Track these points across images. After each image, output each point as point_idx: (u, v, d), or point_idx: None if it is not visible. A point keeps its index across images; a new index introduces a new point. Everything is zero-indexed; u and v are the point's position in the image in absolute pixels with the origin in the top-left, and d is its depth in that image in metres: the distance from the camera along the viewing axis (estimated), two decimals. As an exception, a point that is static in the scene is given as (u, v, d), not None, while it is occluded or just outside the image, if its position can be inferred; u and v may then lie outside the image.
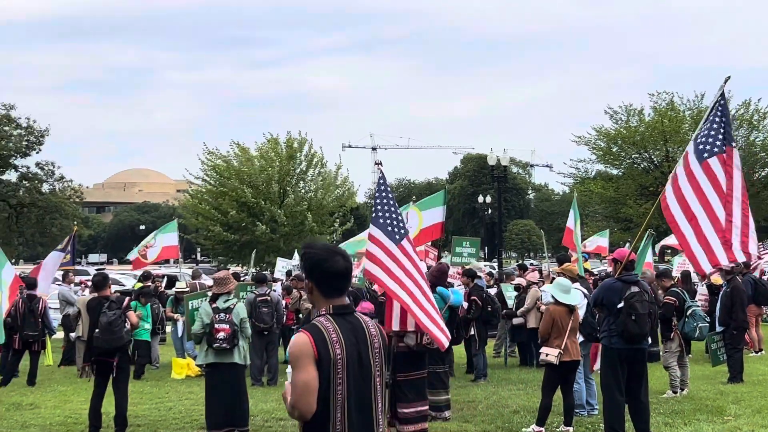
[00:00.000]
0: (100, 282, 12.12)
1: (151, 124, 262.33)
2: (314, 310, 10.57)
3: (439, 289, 11.84)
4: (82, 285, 20.28)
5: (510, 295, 17.93)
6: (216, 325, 10.58)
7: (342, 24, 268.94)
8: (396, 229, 9.73)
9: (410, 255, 9.66)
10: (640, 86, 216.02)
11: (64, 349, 19.18)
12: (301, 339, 4.32)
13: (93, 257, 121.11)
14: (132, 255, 27.01)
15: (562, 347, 10.16)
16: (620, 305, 9.72)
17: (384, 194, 10.08)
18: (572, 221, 17.94)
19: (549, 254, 18.41)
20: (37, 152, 30.77)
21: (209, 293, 11.10)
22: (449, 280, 13.88)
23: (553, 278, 12.89)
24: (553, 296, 10.52)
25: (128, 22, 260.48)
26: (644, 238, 18.40)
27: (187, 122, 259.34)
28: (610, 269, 14.04)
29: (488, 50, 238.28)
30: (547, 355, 10.21)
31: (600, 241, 27.02)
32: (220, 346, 10.62)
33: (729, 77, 9.98)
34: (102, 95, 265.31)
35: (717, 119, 9.97)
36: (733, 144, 10.04)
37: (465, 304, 13.32)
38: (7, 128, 29.69)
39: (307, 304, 16.79)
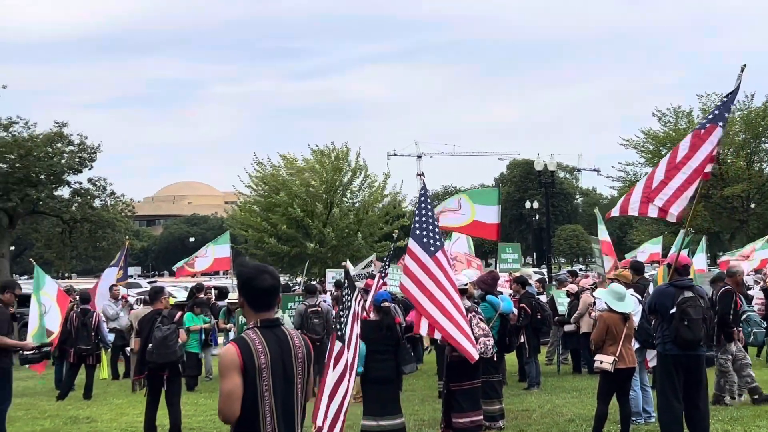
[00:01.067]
0: (153, 295, 12.23)
1: (198, 137, 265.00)
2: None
3: (488, 297, 11.76)
4: (123, 299, 20.47)
5: (562, 301, 17.79)
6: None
7: (384, 33, 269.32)
8: (432, 241, 9.72)
9: (444, 267, 9.62)
10: (688, 88, 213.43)
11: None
12: (228, 350, 4.76)
13: (130, 270, 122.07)
14: (179, 265, 27.18)
15: (617, 354, 10.03)
16: (673, 311, 9.59)
17: (424, 205, 10.09)
18: (605, 234, 17.96)
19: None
20: (90, 168, 31.27)
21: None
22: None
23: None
24: (606, 303, 10.38)
25: (173, 36, 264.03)
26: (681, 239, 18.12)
27: (233, 134, 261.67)
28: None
29: (532, 54, 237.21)
30: (601, 362, 10.08)
31: (652, 248, 26.65)
32: None
33: (745, 65, 10.12)
34: (149, 109, 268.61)
35: (723, 99, 10.56)
36: (720, 123, 10.37)
37: (515, 312, 13.20)
38: (59, 145, 30.18)
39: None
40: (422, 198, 10.21)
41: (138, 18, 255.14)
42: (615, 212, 11.09)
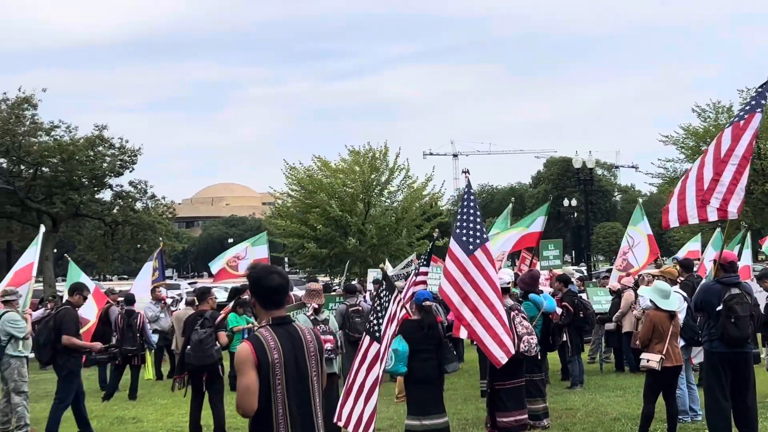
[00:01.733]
0: (201, 296, 12.33)
1: (235, 139, 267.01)
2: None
3: (531, 296, 11.72)
4: (162, 301, 20.62)
5: (598, 299, 17.66)
6: (321, 337, 10.62)
7: (419, 32, 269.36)
8: (471, 239, 9.65)
9: (482, 265, 9.54)
10: (727, 83, 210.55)
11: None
12: (243, 348, 5.03)
13: (167, 272, 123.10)
14: (216, 266, 26.76)
15: (664, 352, 9.94)
16: (719, 308, 9.46)
17: (467, 203, 10.05)
18: (648, 228, 17.79)
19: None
20: (131, 171, 31.55)
21: (310, 306, 11.14)
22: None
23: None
24: (651, 301, 10.29)
25: (209, 39, 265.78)
26: (722, 236, 17.86)
27: (270, 135, 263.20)
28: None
29: (567, 51, 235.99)
30: (648, 361, 9.98)
31: (691, 246, 26.31)
32: (328, 356, 10.71)
33: None
34: (186, 112, 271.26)
35: (758, 90, 10.22)
36: (758, 110, 10.10)
37: (559, 310, 13.13)
38: (101, 148, 30.50)
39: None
40: (466, 195, 10.16)
41: (173, 22, 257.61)
42: (673, 223, 10.51)
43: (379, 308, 8.99)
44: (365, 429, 8.47)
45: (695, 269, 15.94)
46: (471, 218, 9.82)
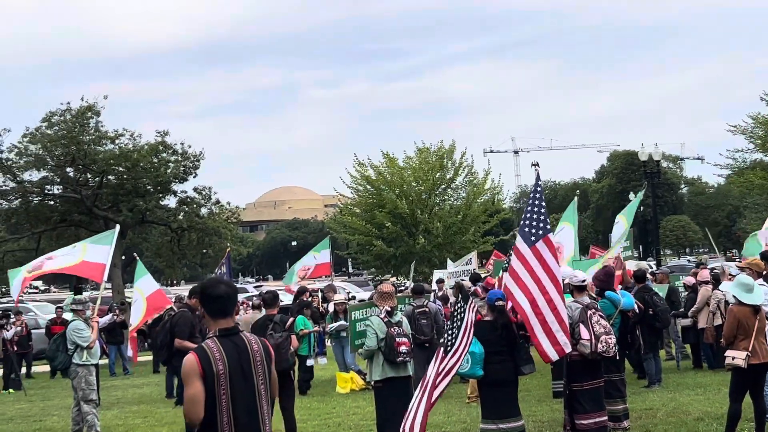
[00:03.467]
0: (270, 300, 12.24)
1: (296, 141, 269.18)
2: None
3: (608, 293, 11.39)
4: (244, 305, 20.68)
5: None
6: (397, 339, 10.47)
7: (476, 29, 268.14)
8: (534, 230, 9.48)
9: (543, 257, 9.33)
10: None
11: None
12: (189, 359, 5.26)
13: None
14: (289, 280, 26.80)
15: (750, 349, 9.51)
16: None
17: (535, 195, 9.88)
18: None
19: (722, 251, 17.53)
20: (194, 176, 31.76)
21: (382, 308, 10.92)
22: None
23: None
24: (735, 297, 9.86)
25: (266, 44, 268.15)
26: None
27: (330, 137, 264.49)
28: None
29: (627, 44, 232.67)
30: (733, 358, 9.55)
31: None
32: (404, 359, 10.53)
33: None
34: (246, 116, 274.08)
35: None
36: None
37: (637, 307, 12.71)
38: (164, 155, 30.77)
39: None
40: (535, 188, 9.95)
41: (230, 28, 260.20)
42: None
43: (456, 321, 8.73)
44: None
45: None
46: (536, 210, 9.65)
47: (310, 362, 17.54)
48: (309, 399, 15.95)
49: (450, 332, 8.64)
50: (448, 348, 8.54)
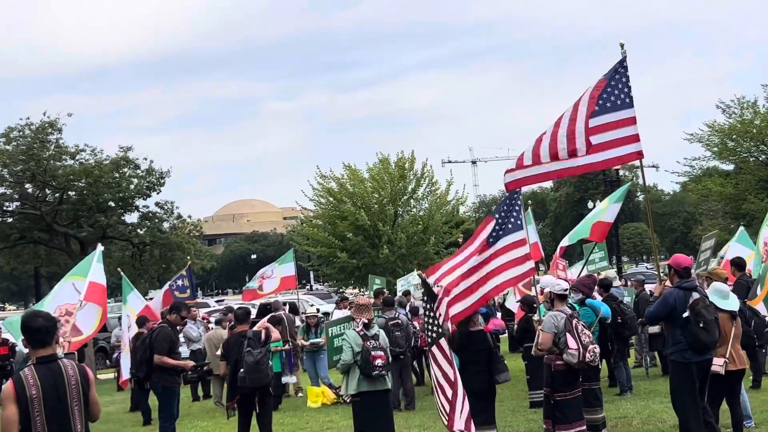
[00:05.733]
0: (242, 316, 12.10)
1: (254, 154, 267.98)
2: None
3: (588, 301, 11.47)
4: (204, 320, 20.46)
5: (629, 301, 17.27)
6: (372, 352, 10.39)
7: (433, 40, 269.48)
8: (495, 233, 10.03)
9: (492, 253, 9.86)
10: (748, 78, 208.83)
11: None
12: (6, 386, 5.95)
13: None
14: (247, 288, 26.94)
15: (727, 355, 9.60)
16: (686, 314, 9.15)
17: (507, 200, 10.42)
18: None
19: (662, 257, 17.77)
20: (158, 193, 31.43)
21: (359, 321, 10.85)
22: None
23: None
24: (714, 303, 9.93)
25: (223, 57, 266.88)
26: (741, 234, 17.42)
27: (288, 150, 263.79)
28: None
29: (582, 52, 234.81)
30: (712, 365, 9.64)
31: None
32: (380, 373, 10.44)
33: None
34: (203, 129, 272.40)
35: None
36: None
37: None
38: (127, 170, 30.41)
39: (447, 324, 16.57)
40: (513, 194, 10.17)
41: (186, 40, 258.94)
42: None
43: (428, 313, 8.80)
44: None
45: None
46: (506, 210, 10.20)
47: (284, 379, 17.44)
48: (281, 414, 15.78)
49: (431, 326, 8.77)
50: (433, 335, 8.72)
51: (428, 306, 8.81)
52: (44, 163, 29.27)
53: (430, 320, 8.72)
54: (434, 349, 8.70)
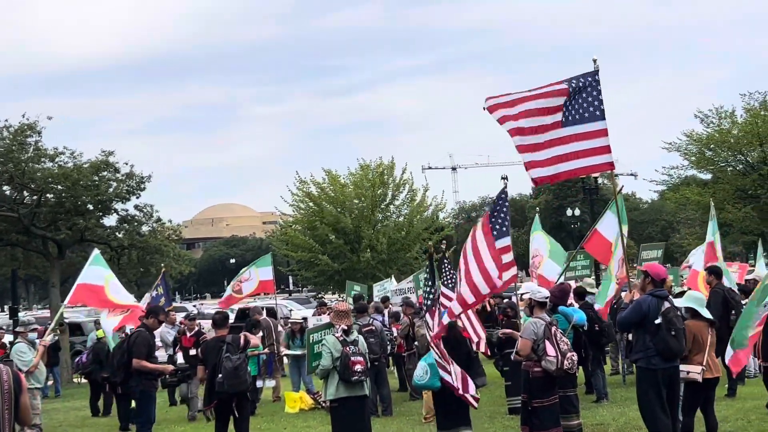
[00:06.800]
0: (220, 321, 12.08)
1: (234, 159, 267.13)
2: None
3: (561, 308, 11.54)
4: (182, 325, 20.36)
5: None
6: (352, 358, 10.43)
7: (417, 46, 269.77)
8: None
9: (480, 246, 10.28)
10: (727, 87, 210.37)
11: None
12: None
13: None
14: (225, 293, 26.86)
15: (704, 363, 9.70)
16: (658, 321, 9.29)
17: (497, 202, 10.92)
18: (711, 234, 17.15)
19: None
20: (138, 197, 31.26)
21: (339, 326, 10.87)
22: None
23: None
24: (688, 310, 10.04)
25: (205, 61, 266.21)
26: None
27: (269, 155, 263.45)
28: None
29: (564, 61, 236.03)
30: (688, 373, 9.72)
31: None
32: (359, 378, 10.47)
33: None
34: (185, 134, 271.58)
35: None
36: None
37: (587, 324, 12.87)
38: (106, 174, 30.22)
39: (422, 330, 16.58)
40: (499, 197, 10.35)
41: (168, 44, 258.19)
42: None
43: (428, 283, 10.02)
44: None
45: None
46: (498, 214, 10.64)
47: (260, 383, 17.40)
48: (258, 419, 15.75)
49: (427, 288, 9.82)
50: (430, 297, 9.75)
51: (429, 278, 9.86)
52: (23, 165, 29.04)
53: (429, 289, 9.82)
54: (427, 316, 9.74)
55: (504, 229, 10.41)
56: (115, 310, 15.40)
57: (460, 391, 9.76)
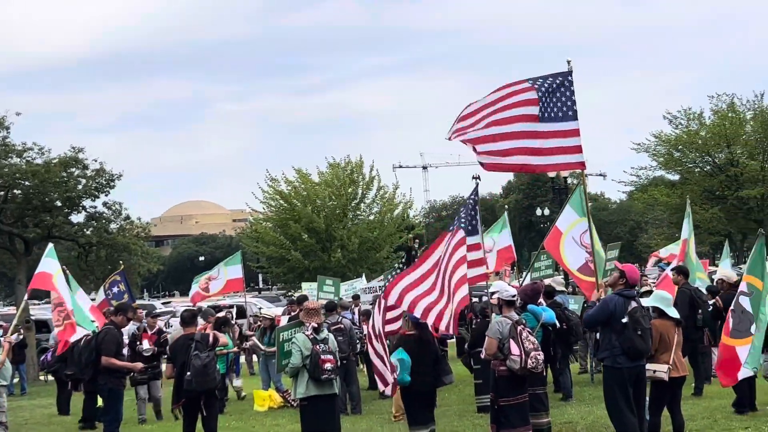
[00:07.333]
0: (188, 318, 11.99)
1: (204, 156, 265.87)
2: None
3: (530, 307, 11.58)
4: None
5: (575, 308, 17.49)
6: (322, 356, 10.42)
7: (389, 45, 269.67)
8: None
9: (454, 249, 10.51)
10: (696, 89, 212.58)
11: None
12: None
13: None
14: (192, 290, 26.82)
15: (671, 362, 9.80)
16: (625, 320, 9.40)
17: (469, 202, 11.03)
18: (687, 233, 17.27)
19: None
20: (107, 194, 31.00)
21: (309, 324, 10.83)
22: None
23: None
24: (655, 310, 10.14)
25: (176, 57, 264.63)
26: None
27: (239, 153, 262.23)
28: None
29: (536, 61, 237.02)
30: (655, 372, 9.82)
31: (674, 249, 26.31)
32: (329, 377, 10.45)
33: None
34: (155, 131, 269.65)
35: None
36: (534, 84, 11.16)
37: (557, 323, 12.95)
38: (75, 170, 29.94)
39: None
40: (470, 197, 10.45)
41: (137, 40, 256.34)
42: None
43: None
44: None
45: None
46: (467, 214, 10.74)
47: (237, 382, 17.40)
48: (227, 418, 15.68)
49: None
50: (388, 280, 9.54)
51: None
52: (-11, 161, 28.76)
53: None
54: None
55: (472, 228, 10.50)
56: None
57: (380, 386, 10.22)
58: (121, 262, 25.93)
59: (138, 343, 15.70)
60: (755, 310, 10.86)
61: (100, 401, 14.16)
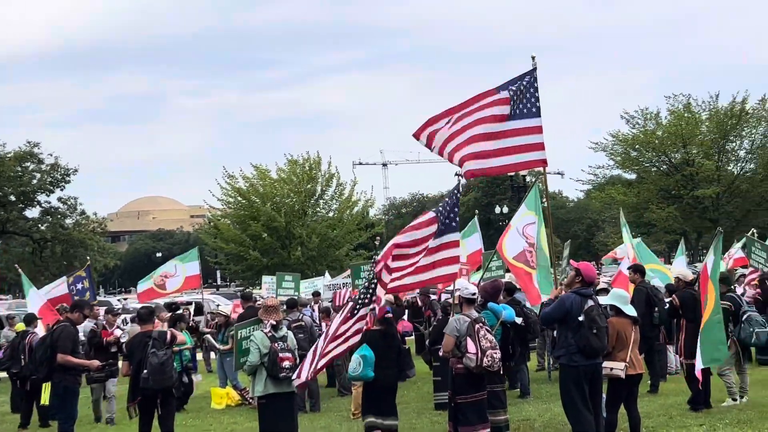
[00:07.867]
0: (146, 316, 11.84)
1: (162, 151, 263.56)
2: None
3: (490, 305, 11.59)
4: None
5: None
6: (280, 354, 10.36)
7: (349, 41, 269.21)
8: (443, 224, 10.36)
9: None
10: (653, 89, 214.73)
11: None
12: None
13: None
14: (143, 285, 26.21)
15: (627, 360, 9.87)
16: (581, 319, 9.48)
17: (452, 196, 10.72)
18: (628, 240, 17.48)
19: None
20: (62, 189, 30.64)
21: (267, 322, 10.76)
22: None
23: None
24: (612, 308, 10.21)
25: (133, 52, 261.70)
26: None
27: (198, 148, 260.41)
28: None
29: (496, 59, 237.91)
30: (612, 369, 9.89)
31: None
32: (287, 375, 10.39)
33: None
34: (111, 125, 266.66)
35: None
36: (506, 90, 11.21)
37: (519, 320, 13.00)
38: (30, 165, 29.56)
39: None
40: (453, 192, 10.62)
41: (93, 34, 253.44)
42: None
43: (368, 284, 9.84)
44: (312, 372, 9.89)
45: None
46: (448, 208, 10.45)
47: (197, 378, 17.22)
48: (184, 415, 15.54)
49: (364, 292, 9.67)
50: (359, 305, 9.62)
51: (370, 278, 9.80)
52: (-59, 154, 28.31)
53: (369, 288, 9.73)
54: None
55: (453, 224, 10.43)
56: None
57: (294, 374, 10.25)
58: (88, 258, 25.50)
59: (103, 339, 15.47)
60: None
61: (44, 399, 13.90)
